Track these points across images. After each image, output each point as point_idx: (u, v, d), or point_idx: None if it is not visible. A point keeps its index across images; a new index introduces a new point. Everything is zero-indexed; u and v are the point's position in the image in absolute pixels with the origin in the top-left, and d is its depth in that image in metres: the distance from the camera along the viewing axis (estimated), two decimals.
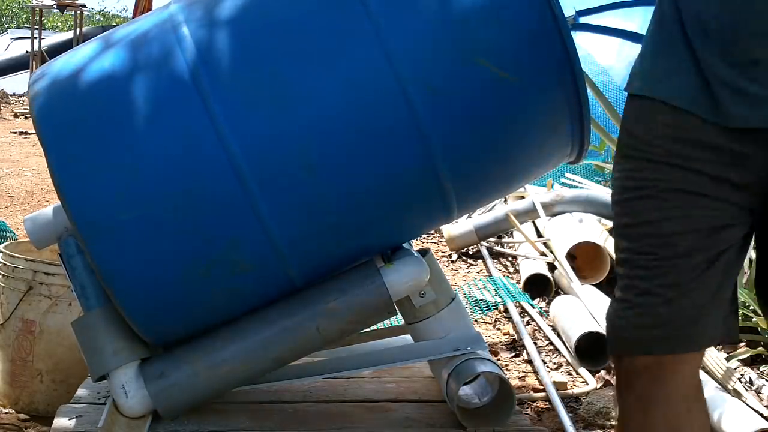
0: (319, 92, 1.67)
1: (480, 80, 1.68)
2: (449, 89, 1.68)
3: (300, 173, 1.67)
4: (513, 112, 1.72)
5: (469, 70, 1.68)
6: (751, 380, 2.61)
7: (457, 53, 1.67)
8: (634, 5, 6.00)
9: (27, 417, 2.46)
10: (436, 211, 1.83)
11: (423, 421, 2.00)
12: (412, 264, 1.86)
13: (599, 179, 4.86)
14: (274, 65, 1.68)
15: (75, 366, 2.45)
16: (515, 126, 1.74)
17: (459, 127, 1.70)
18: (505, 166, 1.82)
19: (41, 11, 10.82)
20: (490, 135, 1.73)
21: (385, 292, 1.84)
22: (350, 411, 2.05)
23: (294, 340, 1.85)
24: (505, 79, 1.68)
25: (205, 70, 1.66)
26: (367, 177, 1.70)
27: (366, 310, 1.86)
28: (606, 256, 3.67)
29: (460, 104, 1.69)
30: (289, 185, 1.68)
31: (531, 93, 1.71)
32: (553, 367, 3.01)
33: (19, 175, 6.29)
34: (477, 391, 2.03)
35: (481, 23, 1.68)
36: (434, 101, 1.67)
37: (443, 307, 1.94)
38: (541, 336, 3.30)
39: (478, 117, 1.71)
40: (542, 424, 2.45)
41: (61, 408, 1.97)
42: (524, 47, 1.69)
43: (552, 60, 1.70)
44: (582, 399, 2.67)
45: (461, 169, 1.74)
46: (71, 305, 2.46)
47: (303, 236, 1.72)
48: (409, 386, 2.21)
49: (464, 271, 4.19)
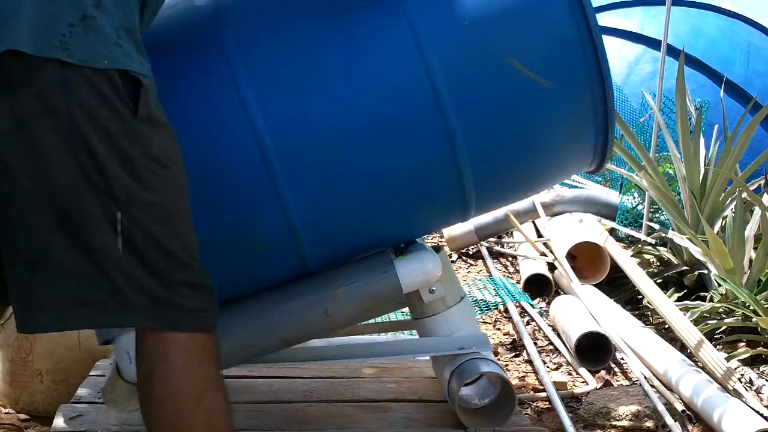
0: (350, 80, 1.67)
1: (509, 81, 1.68)
2: (478, 87, 1.68)
3: (324, 158, 1.67)
4: (539, 115, 1.72)
5: (498, 69, 1.68)
6: (751, 380, 2.61)
7: (488, 52, 1.67)
8: (634, 5, 6.01)
9: (27, 417, 2.46)
10: (453, 209, 1.83)
11: (423, 421, 2.00)
12: (426, 258, 1.87)
13: (599, 179, 4.86)
14: (309, 50, 1.68)
15: (75, 366, 2.45)
16: (540, 129, 1.74)
17: (484, 126, 1.70)
18: (527, 170, 1.82)
19: None
20: (514, 136, 1.73)
21: (396, 282, 1.84)
22: (350, 411, 2.05)
23: (301, 321, 1.85)
24: (534, 81, 1.68)
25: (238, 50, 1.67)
26: (389, 167, 1.70)
27: (376, 299, 1.86)
28: (606, 256, 3.67)
29: (487, 103, 1.69)
30: (312, 168, 1.68)
31: (558, 97, 1.71)
32: (553, 367, 3.01)
33: None
34: (478, 392, 2.04)
35: (513, 24, 1.68)
36: (462, 98, 1.67)
37: (452, 306, 1.94)
38: (541, 336, 3.30)
39: (504, 117, 1.70)
40: (542, 424, 2.45)
41: (61, 408, 1.98)
42: (555, 50, 1.69)
43: (582, 66, 1.70)
44: (582, 399, 2.67)
45: (483, 168, 1.74)
46: None
47: (320, 220, 1.72)
48: (409, 386, 2.21)
49: (464, 271, 4.19)
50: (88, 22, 1.23)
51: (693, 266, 3.48)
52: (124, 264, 1.27)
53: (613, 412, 2.50)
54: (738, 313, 2.93)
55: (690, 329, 2.84)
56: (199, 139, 1.64)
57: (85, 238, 1.26)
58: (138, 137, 1.27)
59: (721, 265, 3.14)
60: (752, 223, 3.28)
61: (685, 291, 3.40)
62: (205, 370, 1.35)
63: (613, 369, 2.95)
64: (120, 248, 1.26)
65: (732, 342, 2.91)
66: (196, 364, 1.34)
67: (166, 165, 1.31)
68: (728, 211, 3.50)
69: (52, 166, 1.23)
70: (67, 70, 1.21)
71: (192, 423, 1.33)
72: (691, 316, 3.01)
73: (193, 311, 1.34)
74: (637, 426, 2.47)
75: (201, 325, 1.35)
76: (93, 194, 1.24)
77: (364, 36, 1.68)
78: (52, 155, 1.22)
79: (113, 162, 1.25)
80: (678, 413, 2.49)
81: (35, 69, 1.21)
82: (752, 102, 4.25)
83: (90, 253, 1.26)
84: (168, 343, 1.32)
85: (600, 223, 4.12)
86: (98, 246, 1.26)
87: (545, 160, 1.82)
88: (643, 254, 3.80)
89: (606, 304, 3.34)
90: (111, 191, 1.25)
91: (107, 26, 1.25)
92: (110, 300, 1.28)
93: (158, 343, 1.32)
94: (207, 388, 1.35)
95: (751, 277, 3.11)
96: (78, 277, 1.27)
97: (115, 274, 1.27)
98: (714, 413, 2.38)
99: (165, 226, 1.30)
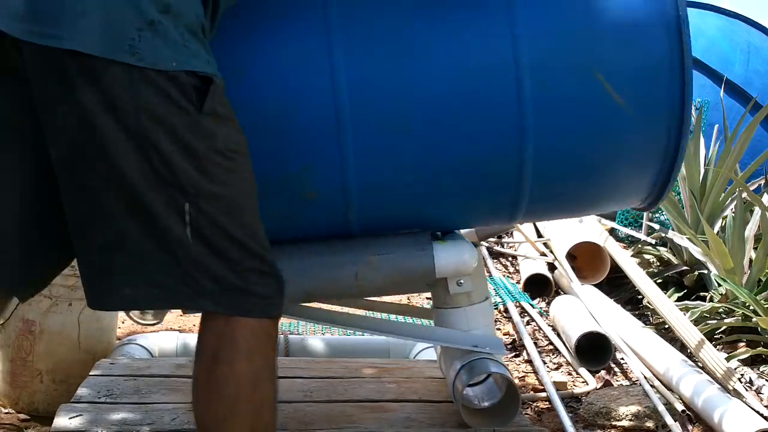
0: (440, 57, 1.67)
1: (590, 93, 1.68)
2: (559, 91, 1.68)
3: (395, 128, 1.68)
4: (611, 135, 1.71)
5: (583, 80, 1.67)
6: (751, 380, 2.61)
7: (578, 60, 1.67)
8: None
9: (27, 417, 2.46)
10: (503, 207, 1.83)
11: (423, 421, 2.00)
12: (464, 247, 1.87)
13: None
14: (405, 20, 1.68)
15: (75, 366, 2.45)
16: (608, 150, 1.73)
17: (555, 130, 1.70)
18: (583, 188, 1.82)
19: None
20: (582, 149, 1.72)
21: (431, 263, 1.84)
22: (350, 411, 2.05)
23: (330, 278, 1.84)
24: (614, 100, 1.68)
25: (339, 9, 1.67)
26: (456, 150, 1.70)
27: (407, 275, 1.85)
28: (606, 256, 3.67)
29: (563, 108, 1.69)
30: (380, 135, 1.68)
31: (633, 122, 1.70)
32: (553, 367, 3.01)
33: None
34: (483, 393, 2.04)
35: (609, 40, 1.68)
36: (541, 97, 1.67)
37: (475, 303, 1.94)
38: (541, 336, 3.30)
39: (577, 127, 1.70)
40: (542, 424, 2.45)
41: (61, 408, 1.98)
42: (643, 76, 1.68)
43: (664, 99, 1.69)
44: (582, 399, 2.67)
45: (544, 172, 1.73)
46: (71, 305, 2.46)
47: (375, 187, 1.73)
48: (409, 386, 2.21)
49: None
50: (155, 26, 1.28)
51: (693, 266, 3.48)
52: (195, 252, 1.32)
53: (613, 412, 2.50)
54: (738, 313, 2.93)
55: (690, 329, 2.84)
56: (279, 81, 1.65)
57: (156, 227, 1.31)
58: (203, 131, 1.32)
59: (721, 265, 3.15)
60: (752, 223, 3.29)
61: (685, 291, 3.40)
62: (267, 358, 1.40)
63: (613, 369, 2.95)
64: (189, 237, 1.31)
65: (732, 342, 2.91)
66: (260, 350, 1.39)
67: (230, 157, 1.35)
68: (728, 211, 3.50)
69: (121, 161, 1.28)
70: (134, 71, 1.27)
71: (246, 408, 1.37)
72: (691, 316, 3.01)
73: (263, 298, 1.38)
74: (637, 426, 2.47)
75: (269, 312, 1.40)
76: (161, 187, 1.30)
77: (463, 18, 1.68)
78: (120, 151, 1.27)
79: (179, 156, 1.30)
80: (678, 413, 2.49)
81: (102, 68, 1.26)
82: (752, 102, 4.26)
83: (162, 240, 1.31)
84: (236, 326, 1.36)
85: (600, 223, 4.13)
86: (169, 235, 1.31)
87: (603, 184, 1.81)
88: (643, 254, 3.80)
89: (606, 304, 3.34)
90: (178, 184, 1.30)
91: (173, 30, 1.29)
92: (181, 284, 1.33)
93: (227, 324, 1.36)
94: (264, 377, 1.39)
95: (751, 277, 3.11)
96: (151, 262, 1.33)
97: (186, 261, 1.32)
98: (714, 413, 2.38)
99: (231, 216, 1.35)
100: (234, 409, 1.36)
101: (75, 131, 1.28)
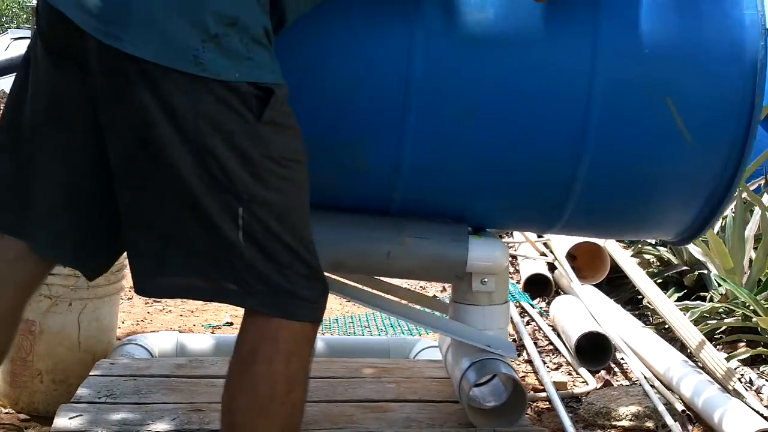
0: (518, 52, 1.68)
1: (656, 117, 1.69)
2: (627, 108, 1.69)
3: (460, 114, 1.68)
4: (667, 162, 1.72)
5: (653, 102, 1.68)
6: (751, 380, 2.61)
7: (652, 83, 1.68)
8: None
9: (27, 417, 2.46)
10: (544, 214, 1.83)
11: (423, 421, 2.00)
12: (497, 246, 1.88)
13: None
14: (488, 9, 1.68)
15: (75, 366, 2.45)
16: (660, 177, 1.74)
17: (615, 146, 1.70)
18: (627, 209, 1.82)
19: None
20: (636, 169, 1.73)
21: (464, 255, 1.84)
22: (350, 411, 2.05)
23: (361, 251, 1.84)
24: (678, 128, 1.68)
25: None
26: (514, 146, 1.71)
27: (438, 262, 1.85)
28: (606, 256, 3.67)
29: (627, 125, 1.69)
30: (444, 119, 1.69)
31: (691, 155, 1.71)
32: (553, 367, 3.01)
33: None
34: (488, 393, 2.04)
35: (687, 69, 1.68)
36: (609, 110, 1.68)
37: (494, 304, 1.94)
38: (541, 336, 3.30)
39: (636, 147, 1.71)
40: (542, 424, 2.45)
41: (61, 408, 1.98)
42: (711, 111, 1.69)
43: (727, 137, 1.70)
44: (582, 399, 2.67)
45: (594, 186, 1.74)
46: (71, 305, 2.46)
47: (426, 169, 1.73)
48: (409, 386, 2.21)
49: None
50: (220, 39, 1.30)
51: (693, 266, 3.48)
52: (247, 254, 1.36)
53: (613, 412, 2.50)
54: (738, 313, 2.93)
55: (690, 329, 2.84)
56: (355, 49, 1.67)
57: (211, 228, 1.34)
58: (260, 139, 1.35)
59: (721, 265, 3.15)
60: (752, 223, 3.29)
61: (685, 291, 3.40)
62: (303, 362, 1.42)
63: (613, 369, 2.95)
64: (242, 240, 1.35)
65: (732, 342, 2.91)
66: (298, 353, 1.41)
67: (285, 165, 1.38)
68: (728, 211, 3.50)
69: (179, 165, 1.32)
70: (196, 80, 1.29)
71: (280, 409, 1.39)
72: (691, 316, 3.01)
73: (308, 302, 1.41)
74: (637, 426, 2.47)
75: (312, 315, 1.42)
76: (216, 192, 1.33)
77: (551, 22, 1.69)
78: (178, 155, 1.31)
79: (235, 163, 1.33)
80: (678, 413, 2.49)
81: (163, 74, 1.28)
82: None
83: (216, 240, 1.35)
84: (278, 327, 1.39)
85: None
86: (223, 236, 1.34)
87: (647, 208, 1.81)
88: (643, 254, 3.80)
89: (606, 304, 3.34)
90: (233, 189, 1.34)
91: (239, 42, 1.32)
92: (231, 282, 1.37)
93: (269, 324, 1.38)
94: (299, 380, 1.42)
95: (751, 277, 3.11)
96: (205, 258, 1.37)
97: (237, 262, 1.36)
98: (714, 413, 2.38)
99: (282, 222, 1.38)
100: (267, 409, 1.38)
101: (135, 131, 1.32)
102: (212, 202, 1.33)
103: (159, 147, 1.31)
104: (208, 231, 1.34)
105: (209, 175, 1.32)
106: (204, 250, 1.36)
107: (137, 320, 3.41)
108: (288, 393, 1.39)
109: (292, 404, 1.40)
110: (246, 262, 1.35)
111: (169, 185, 1.33)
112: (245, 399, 1.38)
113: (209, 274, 1.37)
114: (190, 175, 1.31)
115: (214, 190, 1.33)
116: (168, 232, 1.36)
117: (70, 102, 1.41)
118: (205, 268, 1.37)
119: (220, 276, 1.37)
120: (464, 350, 1.99)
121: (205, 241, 1.35)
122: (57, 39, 1.39)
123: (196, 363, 2.34)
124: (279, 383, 1.38)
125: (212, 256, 1.36)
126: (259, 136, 1.34)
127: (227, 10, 1.30)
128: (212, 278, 1.37)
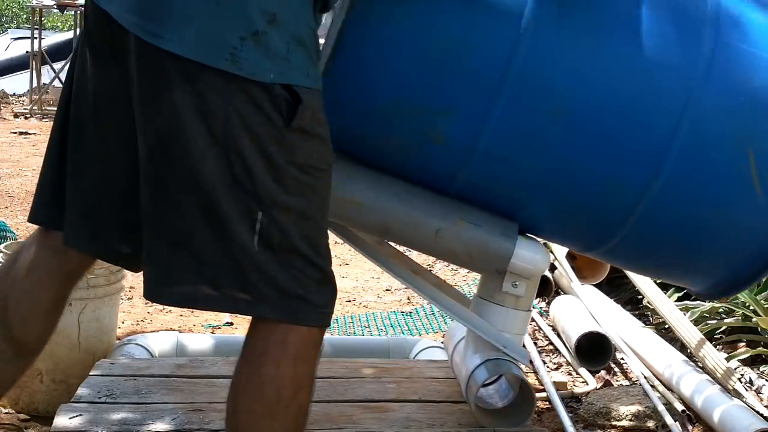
0: (622, 58, 1.67)
1: (733, 162, 1.68)
2: (709, 145, 1.68)
3: (548, 111, 1.67)
4: (728, 212, 1.72)
5: (735, 147, 1.68)
6: (751, 380, 2.61)
7: (741, 127, 1.68)
8: None
9: (27, 417, 2.46)
10: (592, 233, 1.83)
11: (423, 421, 2.00)
12: (540, 251, 1.88)
13: None
14: (609, 16, 1.68)
15: (75, 366, 2.45)
16: (718, 225, 1.74)
17: (686, 180, 1.69)
18: (677, 248, 1.81)
19: (41, 11, 10.75)
20: (696, 211, 1.72)
21: (509, 251, 1.84)
22: (350, 411, 2.05)
23: (412, 222, 1.83)
24: (750, 186, 1.68)
25: None
26: (593, 154, 1.69)
27: (483, 251, 1.84)
28: None
29: (704, 163, 1.69)
30: (530, 112, 1.67)
31: (754, 210, 1.71)
32: (553, 367, 3.01)
33: (19, 175, 6.29)
34: (493, 394, 2.04)
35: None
36: (691, 142, 1.67)
37: (519, 309, 1.93)
38: (541, 336, 3.30)
39: (705, 187, 1.70)
40: (542, 424, 2.45)
41: (61, 408, 1.98)
42: None
43: None
44: (582, 399, 2.67)
45: (652, 217, 1.73)
46: (71, 305, 2.46)
47: (498, 158, 1.71)
48: (409, 386, 2.21)
49: (464, 270, 4.19)
50: (259, 37, 1.29)
51: None
52: (260, 260, 1.35)
53: (613, 412, 2.50)
54: (738, 313, 2.93)
55: (690, 329, 2.84)
56: (467, 18, 1.64)
57: (226, 232, 1.33)
58: (287, 144, 1.34)
59: None
60: None
61: (685, 291, 3.40)
62: (310, 366, 1.42)
63: (613, 369, 2.95)
64: (256, 245, 1.34)
65: (732, 342, 2.91)
66: (305, 356, 1.41)
67: (309, 173, 1.37)
68: None
69: (204, 164, 1.31)
70: (230, 78, 1.29)
71: (285, 413, 1.39)
72: (691, 316, 3.01)
73: (318, 306, 1.40)
74: (637, 426, 2.47)
75: (321, 320, 1.42)
76: (238, 193, 1.32)
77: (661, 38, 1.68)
78: (203, 154, 1.31)
79: (260, 166, 1.32)
80: (678, 413, 2.49)
81: (199, 71, 1.29)
82: None
83: (229, 246, 1.34)
84: (288, 331, 1.38)
85: None
86: (237, 241, 1.34)
87: (696, 253, 1.81)
88: None
89: (606, 304, 3.34)
90: (255, 193, 1.33)
91: (278, 41, 1.31)
92: (242, 291, 1.36)
93: (279, 327, 1.38)
94: (305, 384, 1.41)
95: None
96: (216, 265, 1.35)
97: (249, 269, 1.35)
98: (714, 413, 2.38)
99: (300, 229, 1.37)
100: (273, 411, 1.38)
101: (164, 128, 1.32)
102: (231, 204, 1.32)
103: (183, 147, 1.31)
104: (220, 235, 1.33)
105: (232, 176, 1.31)
106: (214, 257, 1.35)
107: (137, 320, 3.41)
108: (294, 396, 1.39)
109: (297, 407, 1.40)
110: (258, 268, 1.35)
111: (187, 186, 1.32)
112: (251, 401, 1.38)
113: (218, 282, 1.35)
114: (213, 176, 1.31)
115: (235, 192, 1.32)
116: (178, 236, 1.36)
117: (112, 102, 1.42)
118: (213, 276, 1.35)
119: (230, 285, 1.35)
120: (476, 348, 1.98)
121: (216, 246, 1.34)
122: (102, 38, 1.40)
123: (196, 363, 2.34)
124: (285, 386, 1.38)
125: (222, 264, 1.35)
126: (285, 142, 1.33)
127: (269, 6, 1.29)
128: (221, 287, 1.36)
